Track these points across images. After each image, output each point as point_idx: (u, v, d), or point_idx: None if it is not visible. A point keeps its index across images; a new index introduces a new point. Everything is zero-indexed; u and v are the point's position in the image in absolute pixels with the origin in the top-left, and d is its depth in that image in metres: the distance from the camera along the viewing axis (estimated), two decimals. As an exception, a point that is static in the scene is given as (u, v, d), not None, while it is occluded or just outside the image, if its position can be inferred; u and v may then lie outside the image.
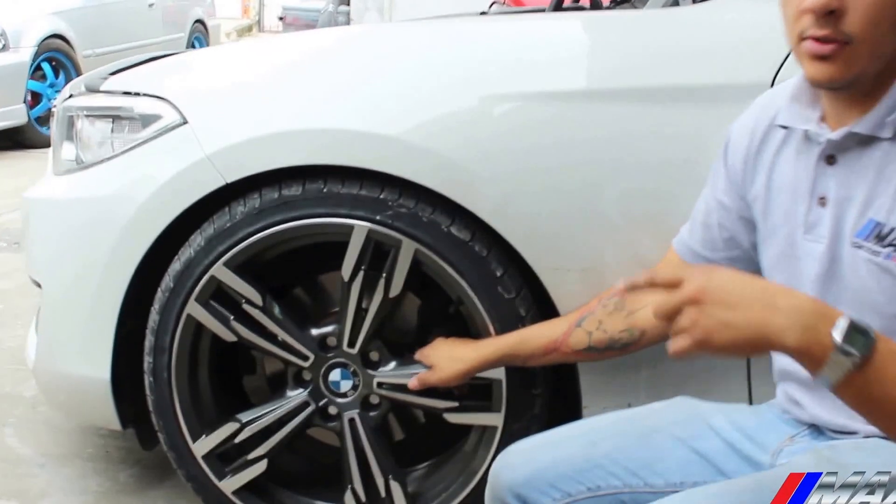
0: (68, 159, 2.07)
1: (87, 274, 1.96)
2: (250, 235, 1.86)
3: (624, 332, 1.66)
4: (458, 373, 1.79)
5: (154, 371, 1.96)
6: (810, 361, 1.08)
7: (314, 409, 1.96)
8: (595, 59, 1.89)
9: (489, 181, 1.78)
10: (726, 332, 1.09)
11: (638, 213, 1.78)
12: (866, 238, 1.27)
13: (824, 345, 1.07)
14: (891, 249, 1.24)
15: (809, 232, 1.36)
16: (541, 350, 1.72)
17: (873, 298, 1.28)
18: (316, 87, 1.91)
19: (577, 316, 1.71)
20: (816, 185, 1.34)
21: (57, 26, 7.44)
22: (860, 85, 1.27)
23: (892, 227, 1.24)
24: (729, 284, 1.11)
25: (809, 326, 1.08)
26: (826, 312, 1.09)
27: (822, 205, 1.34)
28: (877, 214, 1.26)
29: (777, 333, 1.08)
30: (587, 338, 1.68)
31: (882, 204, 1.26)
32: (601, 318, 1.68)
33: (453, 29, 2.12)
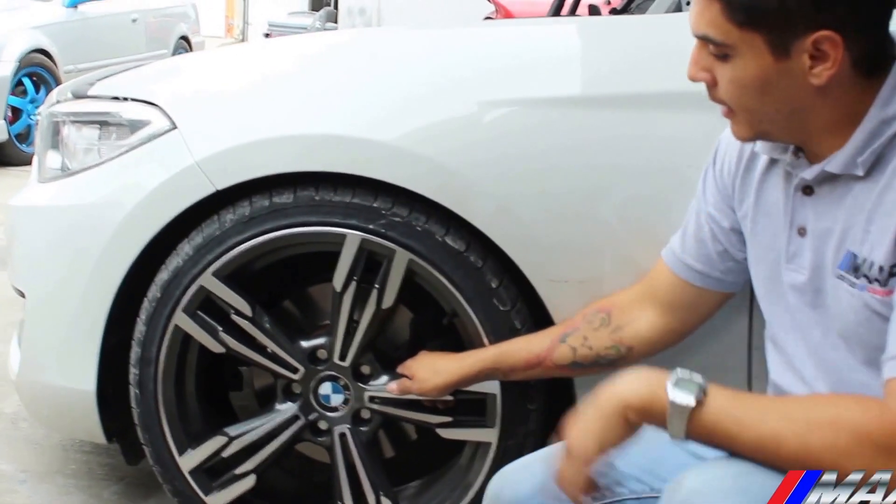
0: (53, 167, 2.03)
1: (72, 283, 1.91)
2: (240, 244, 1.83)
3: (610, 349, 1.66)
4: (438, 385, 1.77)
5: (140, 383, 1.92)
6: (655, 416, 1.20)
7: (304, 424, 1.92)
8: (592, 65, 1.87)
9: (484, 188, 1.75)
10: (588, 430, 1.24)
11: (636, 221, 1.75)
12: (846, 270, 1.27)
13: (660, 398, 1.19)
14: (864, 281, 1.25)
15: (790, 262, 1.37)
16: (522, 364, 1.71)
17: (857, 330, 1.28)
18: (308, 92, 1.89)
19: (560, 331, 1.69)
20: (795, 215, 1.35)
21: (39, 41, 7.38)
22: (787, 136, 1.31)
23: (865, 259, 1.25)
24: (577, 414, 1.27)
25: (645, 384, 1.22)
26: (659, 374, 1.22)
27: (802, 235, 1.34)
28: (852, 246, 1.27)
29: (621, 398, 1.22)
30: (572, 353, 1.68)
31: (855, 235, 1.26)
32: (587, 335, 1.67)
33: (446, 34, 2.10)
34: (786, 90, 1.24)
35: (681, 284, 1.59)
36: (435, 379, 1.77)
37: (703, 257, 1.56)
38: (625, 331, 1.65)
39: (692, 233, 1.57)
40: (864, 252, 1.25)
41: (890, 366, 1.18)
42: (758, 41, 1.22)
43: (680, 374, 1.20)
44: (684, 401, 1.17)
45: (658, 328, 1.63)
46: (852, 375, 1.31)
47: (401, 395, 1.82)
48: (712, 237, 1.54)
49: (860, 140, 1.25)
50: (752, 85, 1.25)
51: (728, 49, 1.24)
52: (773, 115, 1.27)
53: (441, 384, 1.76)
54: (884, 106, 1.24)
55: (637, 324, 1.64)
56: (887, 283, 1.22)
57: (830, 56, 1.21)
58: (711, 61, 1.27)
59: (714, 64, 1.26)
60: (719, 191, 1.52)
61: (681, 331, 1.65)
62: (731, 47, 1.23)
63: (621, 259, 1.76)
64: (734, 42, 1.23)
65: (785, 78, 1.23)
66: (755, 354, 1.74)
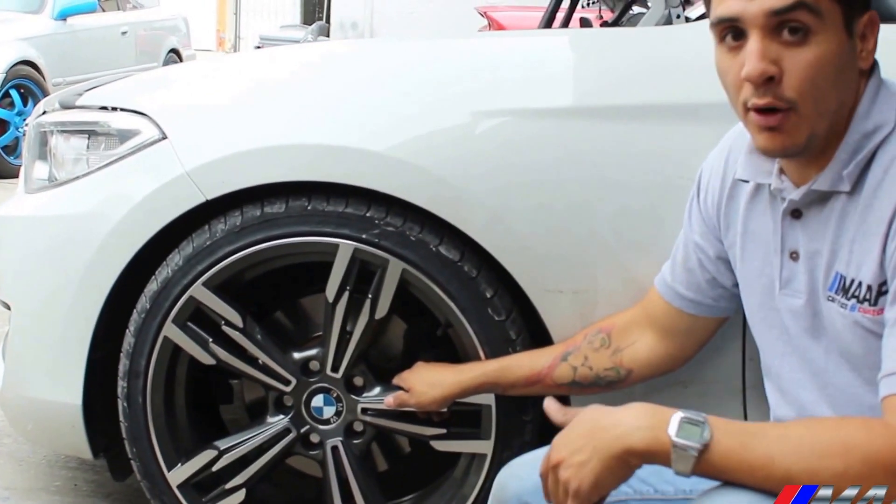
0: (40, 178, 2.00)
1: (59, 294, 1.89)
2: (231, 254, 1.80)
3: (610, 371, 1.65)
4: (436, 398, 1.75)
5: (128, 396, 1.89)
6: (659, 459, 1.17)
7: (295, 437, 1.90)
8: (585, 76, 1.87)
9: (478, 198, 1.74)
10: (585, 471, 1.19)
11: (630, 231, 1.74)
12: (836, 291, 1.27)
13: (664, 442, 1.15)
14: (854, 301, 1.24)
15: (786, 287, 1.36)
16: (522, 381, 1.70)
17: (853, 351, 1.28)
18: (300, 102, 1.87)
19: (562, 349, 1.68)
20: (786, 239, 1.34)
21: (27, 53, 7.35)
22: (818, 144, 1.26)
23: (853, 279, 1.24)
24: (567, 434, 1.23)
25: (647, 426, 1.17)
26: (660, 412, 1.18)
27: (795, 259, 1.34)
28: (839, 267, 1.26)
29: (622, 443, 1.17)
30: (572, 373, 1.67)
31: (842, 255, 1.26)
32: (587, 354, 1.66)
33: (439, 45, 2.08)
34: (847, 76, 1.23)
35: (675, 312, 1.58)
36: (432, 392, 1.75)
37: (694, 286, 1.55)
38: (625, 353, 1.64)
39: (681, 262, 1.56)
40: (851, 273, 1.25)
41: (886, 383, 1.18)
42: (838, 16, 1.20)
43: (683, 415, 1.16)
44: (689, 445, 1.14)
45: (657, 353, 1.63)
46: (858, 396, 1.30)
47: (397, 408, 1.79)
48: (700, 266, 1.53)
49: (845, 154, 1.25)
50: (830, 65, 1.20)
51: (816, 21, 1.19)
52: (831, 108, 1.23)
53: (439, 397, 1.74)
54: (863, 119, 1.25)
55: (636, 347, 1.64)
56: (877, 302, 1.22)
57: (872, 37, 1.23)
58: (779, 51, 1.20)
59: (783, 53, 1.20)
60: (704, 221, 1.51)
61: (680, 356, 1.65)
62: (821, 19, 1.19)
63: (615, 269, 1.75)
64: (824, 11, 1.19)
65: (849, 59, 1.23)
66: (749, 365, 1.73)
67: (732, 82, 1.25)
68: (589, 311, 1.75)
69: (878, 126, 1.24)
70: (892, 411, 1.16)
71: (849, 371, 1.30)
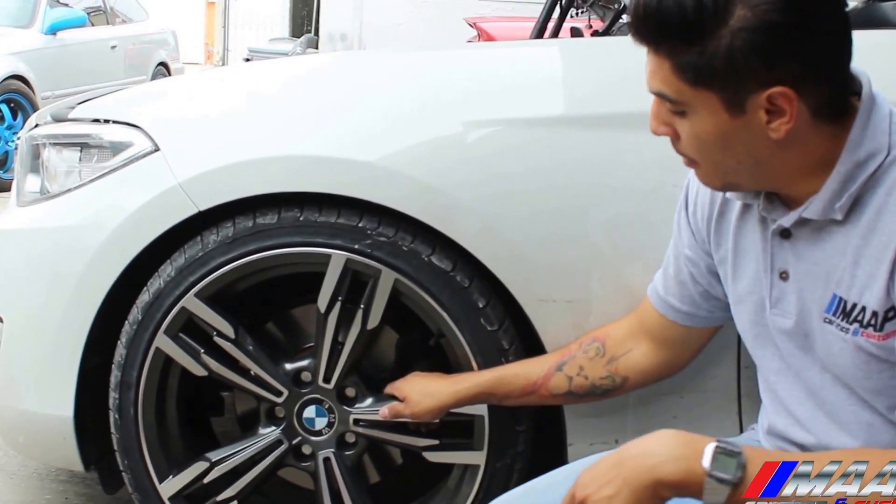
0: (33, 191, 2.00)
1: (50, 306, 1.88)
2: (223, 265, 1.80)
3: (606, 379, 1.64)
4: (431, 408, 1.74)
5: (120, 408, 1.88)
6: (691, 491, 1.13)
7: (287, 448, 1.89)
8: (577, 85, 1.87)
9: (470, 207, 1.74)
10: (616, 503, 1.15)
11: (622, 239, 1.74)
12: (834, 314, 1.25)
13: (697, 473, 1.12)
14: (857, 325, 1.23)
15: (775, 307, 1.34)
16: (518, 391, 1.69)
17: (855, 373, 1.26)
18: (291, 113, 1.87)
19: (557, 359, 1.67)
20: (775, 259, 1.33)
21: (16, 67, 7.33)
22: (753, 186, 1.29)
23: (855, 303, 1.23)
24: (594, 469, 1.20)
25: (679, 457, 1.14)
26: (693, 441, 1.15)
27: (784, 279, 1.32)
28: (838, 289, 1.25)
29: (653, 474, 1.14)
30: (567, 383, 1.66)
31: (842, 279, 1.24)
32: (582, 364, 1.65)
33: (430, 56, 2.09)
34: (746, 144, 1.22)
35: (669, 323, 1.58)
36: (427, 402, 1.73)
37: (687, 298, 1.54)
38: (620, 362, 1.63)
39: (673, 275, 1.56)
40: (854, 297, 1.23)
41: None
42: (712, 98, 1.19)
43: (718, 445, 1.13)
44: (725, 478, 1.11)
45: (652, 361, 1.62)
46: (856, 413, 1.29)
47: (392, 419, 1.78)
48: (692, 279, 1.53)
49: (836, 184, 1.22)
50: (711, 140, 1.22)
51: (683, 106, 1.22)
52: (737, 167, 1.25)
53: (434, 407, 1.73)
54: (855, 149, 1.21)
55: (632, 355, 1.63)
56: (882, 328, 1.21)
57: (787, 111, 1.18)
58: (671, 116, 1.24)
59: (673, 118, 1.24)
60: (693, 234, 1.50)
61: (676, 363, 1.64)
62: (686, 104, 1.21)
63: (608, 278, 1.75)
64: (688, 100, 1.21)
65: (743, 133, 1.21)
66: (744, 373, 1.73)
67: None
68: (582, 320, 1.75)
69: (872, 154, 1.21)
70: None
71: (843, 388, 1.30)
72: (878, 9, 1.70)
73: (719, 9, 1.15)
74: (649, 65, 1.23)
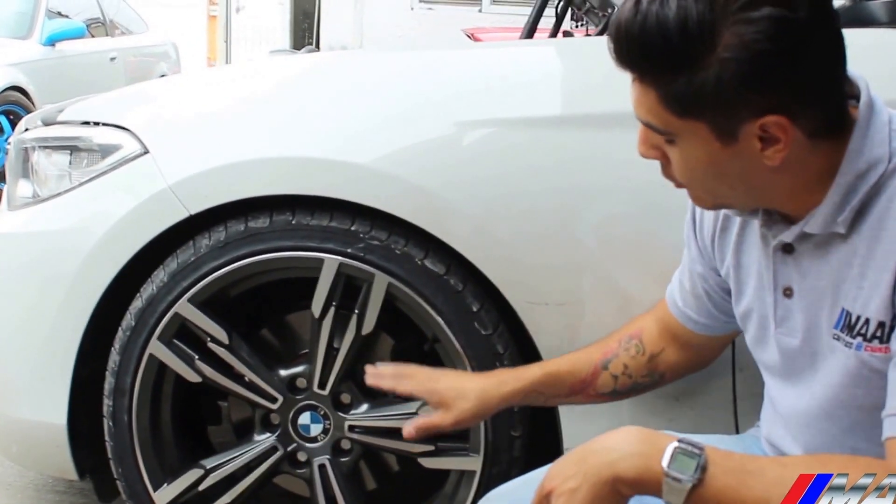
0: (23, 196, 1.99)
1: (42, 312, 1.87)
2: (216, 270, 1.80)
3: (646, 377, 1.61)
4: (476, 413, 1.55)
5: (114, 415, 1.88)
6: (650, 489, 1.12)
7: (282, 455, 1.88)
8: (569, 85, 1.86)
9: (463, 209, 1.73)
10: (576, 499, 1.14)
11: (615, 241, 1.73)
12: (842, 329, 1.22)
13: (655, 472, 1.12)
14: (860, 339, 1.20)
15: (781, 325, 1.32)
16: (567, 390, 1.60)
17: (854, 392, 1.24)
18: (283, 114, 1.87)
19: (600, 357, 1.61)
20: (778, 276, 1.30)
21: (15, 78, 7.33)
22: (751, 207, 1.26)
23: (859, 315, 1.20)
24: (561, 462, 1.19)
25: (639, 454, 1.13)
26: (656, 439, 1.15)
27: (789, 296, 1.29)
28: (846, 303, 1.21)
29: (612, 469, 1.13)
30: (613, 382, 1.61)
31: (848, 291, 1.21)
32: (626, 362, 1.61)
33: (423, 56, 2.08)
34: (739, 172, 1.18)
35: (689, 331, 1.56)
36: (468, 405, 1.54)
37: (704, 311, 1.52)
38: (659, 359, 1.61)
39: (689, 289, 1.53)
40: (858, 309, 1.20)
41: (890, 423, 1.14)
42: (701, 128, 1.14)
43: (678, 445, 1.12)
44: (681, 478, 1.10)
45: (684, 358, 1.61)
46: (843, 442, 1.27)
47: (426, 433, 1.57)
48: (707, 295, 1.50)
49: (837, 196, 1.19)
50: (702, 168, 1.18)
51: (671, 136, 1.17)
52: (730, 193, 1.21)
53: (479, 411, 1.55)
54: (855, 159, 1.18)
55: (666, 353, 1.61)
56: (887, 339, 1.17)
57: (781, 139, 1.13)
58: (659, 140, 1.20)
59: (662, 144, 1.20)
60: (700, 250, 1.48)
61: (702, 361, 1.63)
62: (675, 134, 1.17)
63: (601, 279, 1.74)
64: (676, 130, 1.16)
65: (736, 161, 1.16)
66: (739, 375, 1.72)
67: None
68: (576, 323, 1.75)
69: (872, 164, 1.18)
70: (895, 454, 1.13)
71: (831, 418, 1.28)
72: (865, 7, 1.69)
73: (705, 35, 1.09)
74: (634, 93, 1.18)
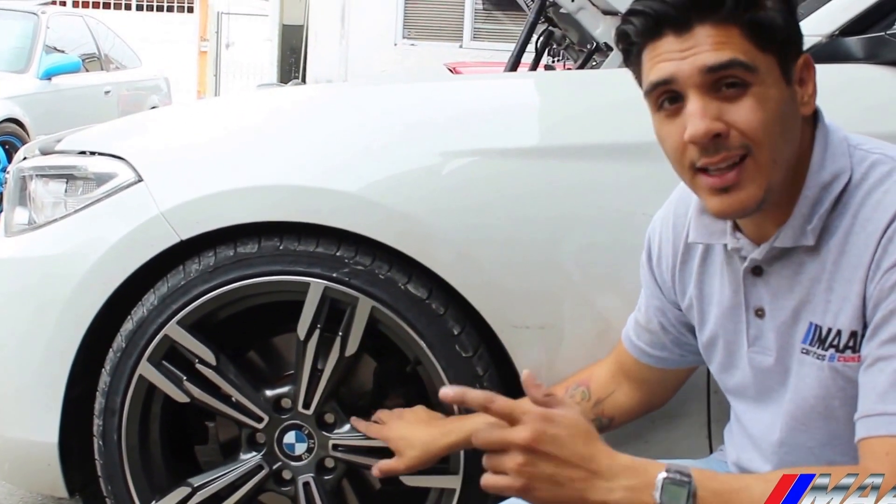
0: (20, 222, 2.03)
1: (35, 334, 1.91)
2: (205, 293, 1.84)
3: (594, 421, 1.63)
4: (423, 461, 1.73)
5: (104, 434, 1.91)
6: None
7: (268, 473, 1.91)
8: (550, 117, 1.93)
9: (445, 236, 1.78)
10: (550, 488, 1.13)
11: (593, 267, 1.78)
12: (810, 343, 1.27)
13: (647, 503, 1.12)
14: (833, 351, 1.24)
15: (754, 345, 1.35)
16: None
17: (830, 403, 1.27)
18: (271, 144, 1.92)
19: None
20: (749, 297, 1.34)
21: (12, 111, 7.40)
22: (775, 197, 1.24)
23: (830, 328, 1.24)
24: (562, 438, 1.14)
25: (629, 487, 1.13)
26: (644, 470, 1.14)
27: (761, 317, 1.33)
28: (813, 317, 1.26)
29: (599, 496, 1.13)
30: None
31: (816, 306, 1.26)
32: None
33: (408, 88, 2.14)
34: (793, 123, 1.22)
35: (644, 366, 1.60)
36: (417, 454, 1.73)
37: (659, 345, 1.57)
38: (605, 403, 1.65)
39: (644, 323, 1.58)
40: (829, 321, 1.24)
41: (863, 424, 1.18)
42: (773, 66, 1.19)
43: (667, 475, 1.13)
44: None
45: (635, 400, 1.64)
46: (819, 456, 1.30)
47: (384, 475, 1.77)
48: (662, 328, 1.55)
49: (805, 208, 1.24)
50: (774, 115, 1.18)
51: (752, 74, 1.17)
52: (786, 156, 1.21)
53: (425, 460, 1.73)
54: (819, 171, 1.24)
55: (615, 396, 1.65)
56: (860, 348, 1.22)
57: (810, 81, 1.23)
58: (721, 107, 1.18)
59: (725, 108, 1.18)
60: (659, 285, 1.52)
61: (655, 401, 1.67)
62: (756, 72, 1.17)
63: (580, 305, 1.79)
64: (759, 65, 1.18)
65: (791, 106, 1.21)
66: (714, 398, 1.76)
67: (674, 147, 1.23)
68: (555, 346, 1.79)
69: (836, 175, 1.24)
70: (871, 456, 1.15)
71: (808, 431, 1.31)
72: (841, 44, 1.76)
73: None
74: (708, 39, 1.17)
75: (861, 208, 1.22)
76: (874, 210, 1.21)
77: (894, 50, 1.67)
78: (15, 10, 8.90)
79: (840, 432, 1.27)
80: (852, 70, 1.75)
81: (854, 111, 1.67)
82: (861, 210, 1.22)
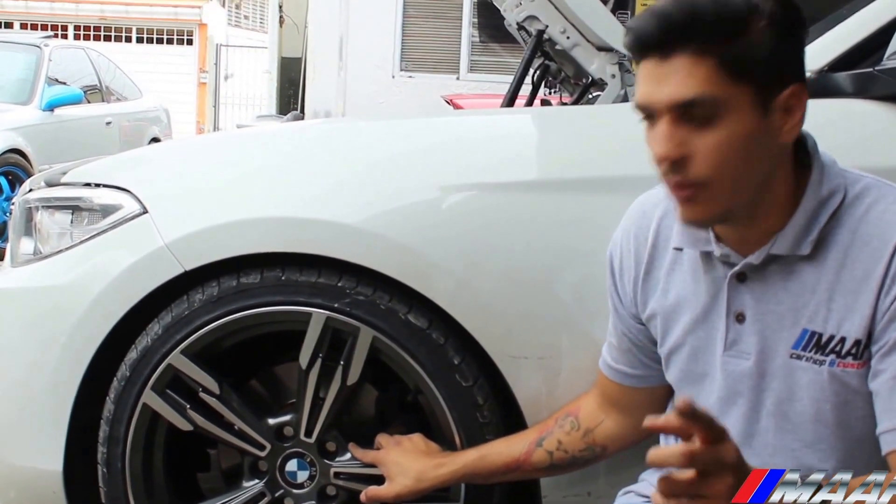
0: (26, 253, 2.06)
1: (41, 363, 1.93)
2: (208, 323, 1.86)
3: (585, 451, 1.68)
4: (413, 491, 1.77)
5: (108, 462, 1.93)
6: None
7: (270, 501, 1.93)
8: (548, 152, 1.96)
9: (446, 268, 1.81)
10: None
11: (591, 298, 1.79)
12: (805, 348, 1.30)
13: None
14: (833, 356, 1.28)
15: (731, 349, 1.38)
16: (502, 468, 1.71)
17: (819, 407, 1.31)
18: (274, 177, 1.95)
19: (536, 435, 1.71)
20: (731, 302, 1.36)
21: (15, 141, 7.45)
22: (744, 213, 1.29)
23: (832, 335, 1.28)
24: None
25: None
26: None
27: (741, 322, 1.36)
28: (810, 324, 1.30)
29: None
30: (549, 457, 1.69)
31: (815, 313, 1.29)
32: (560, 438, 1.68)
33: (409, 124, 2.18)
34: (764, 152, 1.25)
35: (628, 390, 1.62)
36: (409, 483, 1.76)
37: (635, 363, 1.59)
38: (596, 433, 1.67)
39: (616, 345, 1.61)
40: (830, 329, 1.28)
41: (891, 437, 1.22)
42: (746, 97, 1.21)
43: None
44: None
45: (625, 427, 1.66)
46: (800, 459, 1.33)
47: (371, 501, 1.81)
48: (633, 345, 1.57)
49: (803, 220, 1.29)
50: (738, 147, 1.22)
51: (720, 108, 1.21)
52: (749, 184, 1.25)
53: (416, 490, 1.76)
54: (817, 187, 1.29)
55: (605, 425, 1.67)
56: (862, 356, 1.26)
57: (798, 111, 1.25)
58: (687, 134, 1.22)
59: (690, 136, 1.22)
60: (625, 306, 1.55)
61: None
62: (724, 105, 1.21)
63: (578, 336, 1.81)
64: (728, 98, 1.21)
65: (765, 138, 1.24)
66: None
67: (652, 157, 1.28)
68: (553, 377, 1.82)
69: (832, 192, 1.29)
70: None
71: (791, 432, 1.34)
72: (831, 79, 1.79)
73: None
74: (679, 72, 1.22)
75: (861, 224, 1.28)
76: (876, 226, 1.27)
77: (883, 85, 1.70)
78: (18, 42, 9.00)
79: (826, 435, 1.31)
80: (842, 104, 1.78)
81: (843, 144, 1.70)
82: (861, 226, 1.28)
